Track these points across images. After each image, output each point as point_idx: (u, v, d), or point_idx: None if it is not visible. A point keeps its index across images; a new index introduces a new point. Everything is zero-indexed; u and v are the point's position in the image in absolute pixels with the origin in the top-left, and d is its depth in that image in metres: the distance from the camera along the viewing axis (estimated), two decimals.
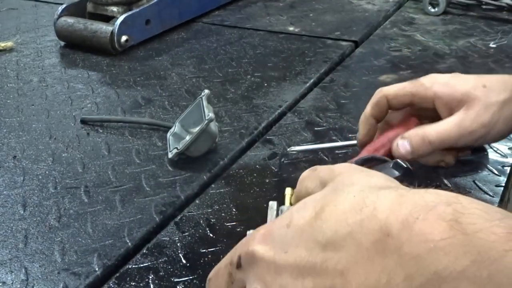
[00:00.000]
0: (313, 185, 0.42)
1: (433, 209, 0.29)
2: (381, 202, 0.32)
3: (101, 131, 0.80)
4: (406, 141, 0.61)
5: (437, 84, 0.62)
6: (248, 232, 0.46)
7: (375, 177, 0.38)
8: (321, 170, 0.42)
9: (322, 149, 0.73)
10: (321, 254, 0.33)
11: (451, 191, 0.31)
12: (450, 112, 0.61)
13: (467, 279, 0.26)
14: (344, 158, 0.71)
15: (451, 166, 0.70)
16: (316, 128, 0.79)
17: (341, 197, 0.35)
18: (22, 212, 0.64)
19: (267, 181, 0.68)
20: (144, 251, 0.58)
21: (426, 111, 0.64)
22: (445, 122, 0.60)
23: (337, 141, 0.75)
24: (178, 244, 0.58)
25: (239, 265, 0.38)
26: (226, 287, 0.40)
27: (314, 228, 0.34)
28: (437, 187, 0.32)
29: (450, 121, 0.60)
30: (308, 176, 0.43)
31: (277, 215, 0.49)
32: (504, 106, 0.60)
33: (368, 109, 0.64)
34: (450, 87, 0.61)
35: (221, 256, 0.55)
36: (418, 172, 0.69)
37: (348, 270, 0.31)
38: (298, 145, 0.74)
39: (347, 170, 0.40)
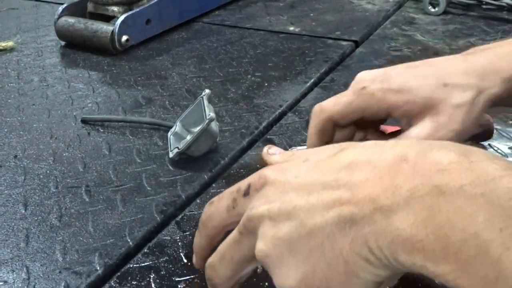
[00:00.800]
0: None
1: (447, 146, 0.33)
2: (402, 142, 0.35)
3: (102, 130, 0.80)
4: None
5: (389, 93, 0.52)
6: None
7: None
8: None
9: None
10: (334, 175, 0.35)
11: None
12: (410, 120, 0.53)
13: (463, 195, 0.29)
14: None
15: None
16: None
17: (360, 144, 0.37)
18: (23, 211, 0.64)
19: None
20: (145, 250, 0.58)
21: (376, 121, 0.56)
22: (416, 134, 0.52)
23: None
24: (179, 243, 0.58)
25: (246, 193, 0.39)
26: (226, 211, 0.40)
27: (333, 160, 0.36)
28: None
29: (421, 133, 0.52)
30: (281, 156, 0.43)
31: None
32: (472, 107, 0.52)
33: (313, 137, 0.54)
34: (406, 93, 0.52)
35: None
36: None
37: (357, 186, 0.33)
38: (299, 145, 0.74)
39: None
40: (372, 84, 0.53)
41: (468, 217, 0.29)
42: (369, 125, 0.57)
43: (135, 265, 0.56)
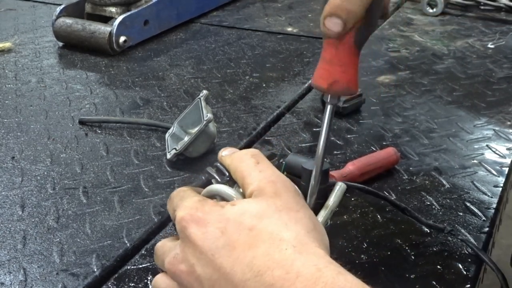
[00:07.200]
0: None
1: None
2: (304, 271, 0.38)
3: (99, 131, 0.80)
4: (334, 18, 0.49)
5: None
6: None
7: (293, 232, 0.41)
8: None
9: None
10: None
11: None
12: None
13: None
14: (343, 160, 0.71)
15: (449, 167, 0.70)
16: (314, 129, 0.79)
17: (275, 249, 0.39)
18: (21, 213, 0.64)
19: None
20: (143, 252, 0.58)
21: None
22: None
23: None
24: None
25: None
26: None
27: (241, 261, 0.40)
28: None
29: None
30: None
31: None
32: None
33: None
34: None
35: None
36: (417, 170, 0.69)
37: None
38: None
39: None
40: None
41: None
42: None
43: (132, 267, 0.56)
